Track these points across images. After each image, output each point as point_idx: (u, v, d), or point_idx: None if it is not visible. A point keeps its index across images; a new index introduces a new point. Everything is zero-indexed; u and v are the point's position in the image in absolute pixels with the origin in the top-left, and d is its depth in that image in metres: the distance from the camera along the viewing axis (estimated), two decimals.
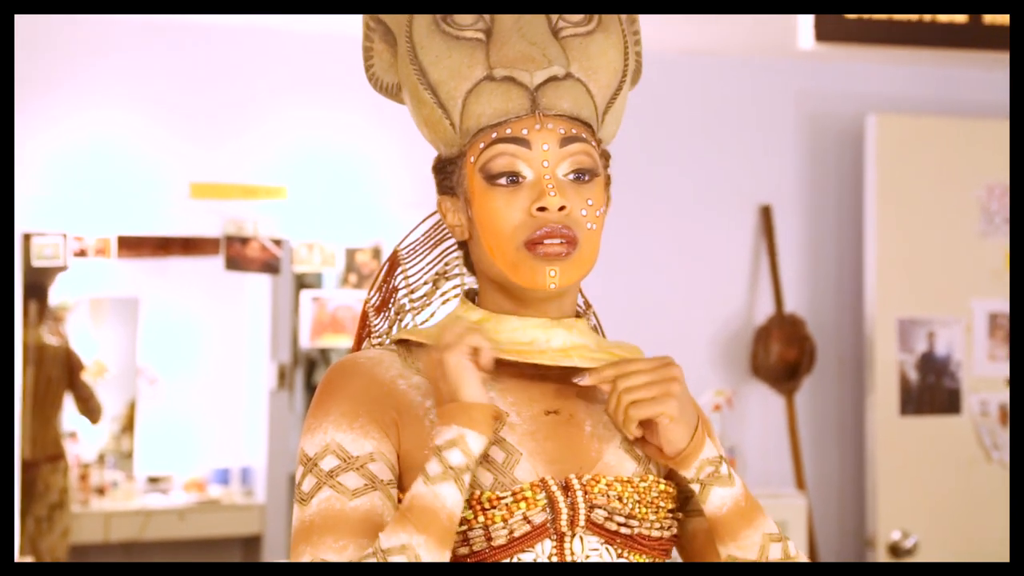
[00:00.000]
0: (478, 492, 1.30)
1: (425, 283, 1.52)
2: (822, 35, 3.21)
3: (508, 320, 1.38)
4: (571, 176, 1.35)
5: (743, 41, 4.62)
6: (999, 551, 4.43)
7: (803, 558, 1.40)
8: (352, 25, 4.40)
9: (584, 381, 1.34)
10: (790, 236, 4.87)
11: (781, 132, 4.90)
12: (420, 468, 1.29)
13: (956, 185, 4.79)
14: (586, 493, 1.33)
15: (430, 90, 1.36)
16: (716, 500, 1.34)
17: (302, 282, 5.67)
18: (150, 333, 6.04)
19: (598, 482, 1.34)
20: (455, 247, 1.51)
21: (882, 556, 4.50)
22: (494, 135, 1.34)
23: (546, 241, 1.32)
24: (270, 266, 4.41)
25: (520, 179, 1.34)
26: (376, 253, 4.65)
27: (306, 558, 1.26)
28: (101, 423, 5.86)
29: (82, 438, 5.94)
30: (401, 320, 1.50)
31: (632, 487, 1.36)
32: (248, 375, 5.98)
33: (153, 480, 5.95)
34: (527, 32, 1.37)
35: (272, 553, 5.63)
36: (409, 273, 1.52)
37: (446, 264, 1.52)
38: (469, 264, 1.47)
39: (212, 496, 5.90)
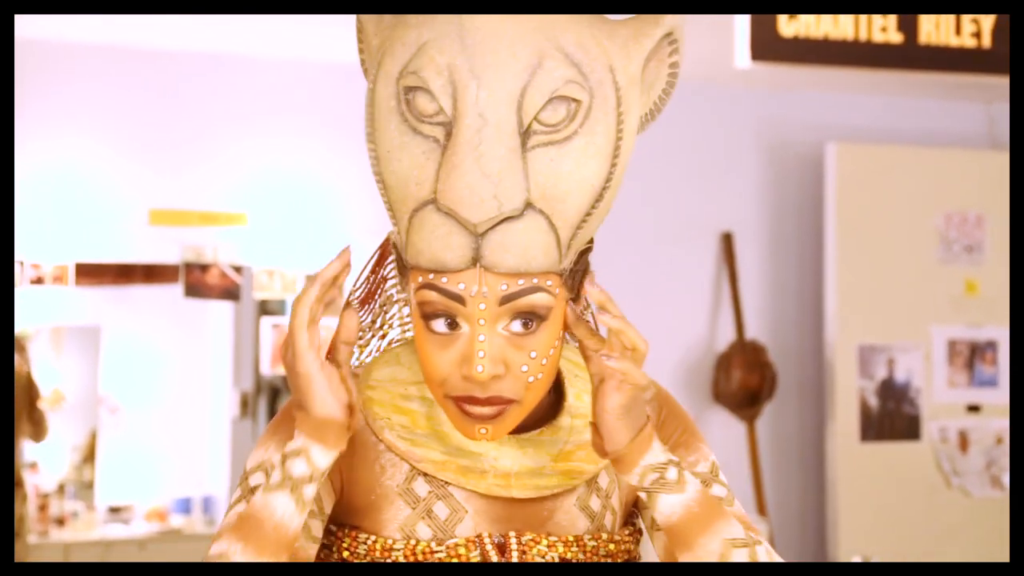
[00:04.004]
0: (413, 542, 1.26)
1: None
2: (757, 55, 3.23)
3: None
4: (514, 326, 1.20)
5: (704, 69, 4.65)
6: None
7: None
8: (313, 52, 4.41)
9: (612, 363, 1.21)
10: (751, 263, 4.90)
11: (742, 160, 4.93)
12: (361, 511, 1.27)
13: (915, 213, 4.83)
14: (523, 554, 1.26)
15: (382, 185, 1.23)
16: (665, 508, 1.23)
17: (265, 308, 5.65)
18: (111, 361, 6.00)
19: (538, 543, 1.27)
20: None
21: None
22: (431, 276, 1.20)
23: (474, 406, 1.21)
24: (230, 293, 4.40)
25: (457, 325, 1.21)
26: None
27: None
28: (60, 452, 5.80)
29: (42, 468, 5.88)
30: (387, 313, 1.42)
31: (579, 546, 1.28)
32: (210, 403, 5.94)
33: (114, 510, 5.89)
34: (487, 149, 1.16)
35: None
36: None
37: None
38: None
39: (174, 526, 5.84)
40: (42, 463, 5.84)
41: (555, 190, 1.18)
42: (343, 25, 4.03)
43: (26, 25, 3.98)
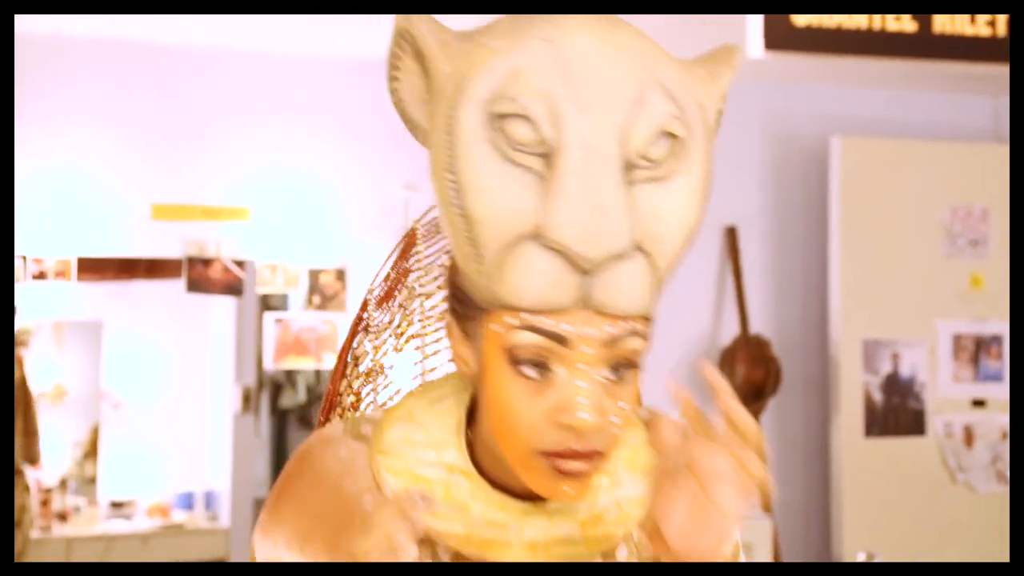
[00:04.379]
0: None
1: (441, 265, 1.34)
2: (771, 44, 3.20)
3: (487, 489, 1.19)
4: (608, 373, 1.11)
5: None
6: None
7: None
8: (315, 48, 4.40)
9: (721, 401, 1.10)
10: (755, 257, 4.88)
11: (746, 153, 4.91)
12: None
13: (920, 207, 4.81)
14: None
15: (464, 218, 1.10)
16: None
17: (268, 303, 5.64)
18: (113, 357, 5.99)
19: None
20: None
21: None
22: (528, 316, 1.09)
23: (570, 461, 1.10)
24: (232, 288, 4.38)
25: (549, 373, 1.10)
26: (340, 274, 4.63)
27: None
28: (62, 447, 5.80)
29: (44, 464, 5.87)
30: (406, 308, 1.35)
31: None
32: (212, 398, 5.93)
33: (116, 505, 5.89)
34: (596, 182, 1.07)
35: None
36: (425, 253, 1.34)
37: None
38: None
39: (176, 521, 5.84)
40: (44, 459, 5.84)
41: (656, 230, 1.11)
42: (345, 21, 4.02)
43: (27, 20, 3.96)
